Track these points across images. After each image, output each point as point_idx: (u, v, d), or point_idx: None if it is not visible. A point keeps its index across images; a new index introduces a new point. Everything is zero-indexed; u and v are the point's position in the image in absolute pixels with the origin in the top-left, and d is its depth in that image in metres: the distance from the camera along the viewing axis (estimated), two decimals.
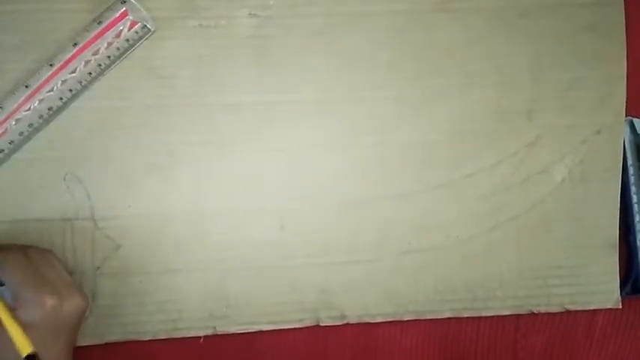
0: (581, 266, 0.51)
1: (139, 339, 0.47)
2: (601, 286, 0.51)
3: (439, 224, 0.50)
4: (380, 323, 0.50)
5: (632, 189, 0.52)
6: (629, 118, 0.51)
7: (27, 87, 0.44)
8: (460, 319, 0.51)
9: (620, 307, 0.52)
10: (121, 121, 0.46)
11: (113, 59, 0.45)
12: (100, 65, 0.45)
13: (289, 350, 0.50)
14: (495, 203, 0.50)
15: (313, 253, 0.49)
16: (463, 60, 0.49)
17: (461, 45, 0.49)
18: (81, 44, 0.45)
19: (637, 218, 0.52)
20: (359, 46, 0.48)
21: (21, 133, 0.45)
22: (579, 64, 0.50)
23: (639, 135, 0.52)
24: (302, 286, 0.49)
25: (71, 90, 0.45)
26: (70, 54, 0.44)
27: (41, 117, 0.45)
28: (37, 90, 0.44)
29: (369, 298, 0.49)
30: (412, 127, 0.49)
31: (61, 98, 0.45)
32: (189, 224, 0.47)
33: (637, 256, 0.52)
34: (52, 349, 0.38)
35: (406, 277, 0.50)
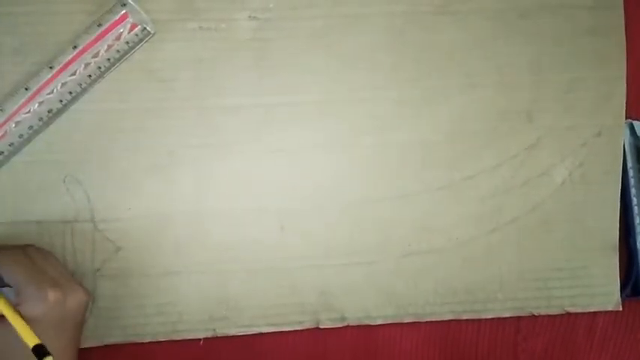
0: (582, 268, 0.51)
1: (138, 341, 0.47)
2: (601, 288, 0.51)
3: (439, 226, 0.50)
4: (380, 325, 0.50)
5: (632, 191, 0.52)
6: (629, 121, 0.51)
7: (27, 89, 0.44)
8: (460, 322, 0.51)
9: (620, 310, 0.52)
10: (120, 124, 0.46)
11: (113, 62, 0.45)
12: (99, 68, 0.45)
13: (289, 352, 0.50)
14: (496, 205, 0.50)
15: (313, 255, 0.49)
16: (463, 61, 0.49)
17: (461, 46, 0.49)
18: (81, 47, 0.45)
19: (637, 220, 0.52)
20: (359, 48, 0.48)
21: (21, 136, 0.45)
22: (579, 65, 0.50)
23: (639, 137, 0.51)
24: (302, 287, 0.49)
25: (71, 92, 0.45)
26: (70, 56, 0.44)
27: (41, 119, 0.45)
28: (37, 92, 0.44)
29: (369, 300, 0.49)
30: (412, 128, 0.49)
31: (61, 101, 0.45)
32: (189, 226, 0.47)
33: (637, 258, 0.52)
34: (58, 343, 0.38)
35: (406, 279, 0.50)
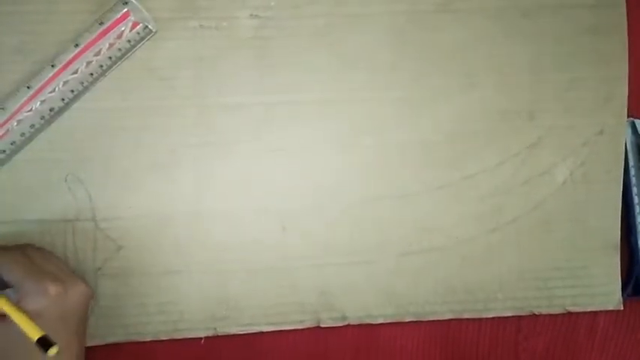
0: (583, 268, 0.51)
1: (140, 340, 0.47)
2: (602, 288, 0.51)
3: (440, 225, 0.50)
4: (380, 324, 0.50)
5: (634, 190, 0.51)
6: (631, 119, 0.51)
7: (29, 88, 0.44)
8: (461, 321, 0.51)
9: (621, 309, 0.52)
10: (122, 122, 0.46)
11: (115, 60, 0.45)
12: (101, 66, 0.45)
13: (290, 351, 0.50)
14: (496, 204, 0.50)
15: (314, 255, 0.49)
16: (464, 60, 0.49)
17: (462, 45, 0.49)
18: (82, 45, 0.45)
19: (638, 219, 0.52)
20: (360, 47, 0.48)
21: (23, 134, 0.45)
22: (581, 64, 0.50)
23: None
24: (303, 287, 0.49)
25: (73, 91, 0.45)
26: (71, 55, 0.45)
27: (43, 118, 0.45)
28: (39, 91, 0.44)
29: (369, 300, 0.49)
30: (413, 128, 0.49)
31: (63, 99, 0.45)
32: (190, 225, 0.47)
33: (638, 257, 0.52)
34: (61, 337, 0.37)
35: (407, 278, 0.49)
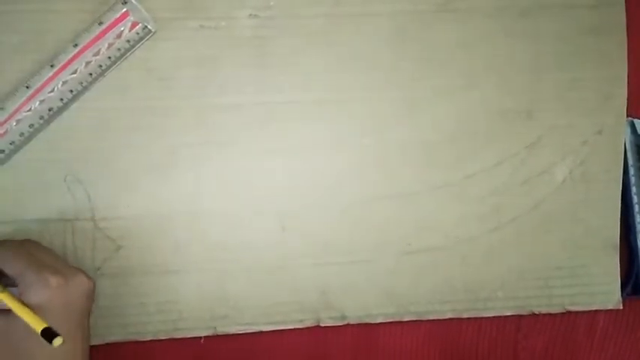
0: (582, 267, 0.51)
1: (139, 339, 0.47)
2: (602, 287, 0.51)
3: (440, 225, 0.50)
4: (380, 324, 0.50)
5: (633, 189, 0.52)
6: (630, 119, 0.51)
7: (28, 88, 0.44)
8: (461, 320, 0.51)
9: (621, 308, 0.52)
10: (121, 122, 0.46)
11: (114, 60, 0.45)
12: (100, 66, 0.45)
13: (290, 351, 0.50)
14: (496, 204, 0.50)
15: (314, 254, 0.49)
16: (464, 60, 0.49)
17: (461, 45, 0.49)
18: (82, 45, 0.45)
19: (638, 219, 0.52)
20: (360, 47, 0.48)
21: (22, 134, 0.45)
22: (580, 64, 0.50)
23: None
24: (302, 286, 0.49)
25: (72, 91, 0.45)
26: (70, 55, 0.44)
27: (42, 118, 0.45)
28: (38, 91, 0.44)
29: (369, 299, 0.49)
30: (413, 128, 0.49)
31: (62, 99, 0.45)
32: (189, 225, 0.47)
33: (638, 256, 0.52)
34: (65, 329, 0.37)
35: (407, 277, 0.50)
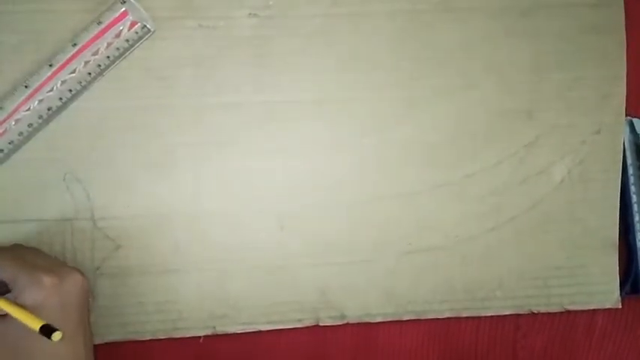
0: (581, 266, 0.51)
1: (138, 339, 0.47)
2: (601, 286, 0.51)
3: (439, 224, 0.50)
4: (380, 323, 0.50)
5: (632, 189, 0.52)
6: (629, 118, 0.51)
7: (26, 87, 0.44)
8: (460, 319, 0.51)
9: (619, 307, 0.52)
10: (120, 122, 0.46)
11: (113, 59, 0.45)
12: (99, 65, 0.45)
13: (289, 350, 0.50)
14: (495, 203, 0.50)
15: (313, 254, 0.49)
16: (464, 59, 0.49)
17: (461, 45, 0.49)
18: (80, 44, 0.45)
19: (636, 218, 0.52)
20: (359, 46, 0.48)
21: (20, 134, 0.45)
22: (579, 63, 0.50)
23: (639, 135, 0.52)
24: (302, 286, 0.49)
25: (71, 90, 0.45)
26: (69, 54, 0.44)
27: (41, 117, 0.45)
28: (37, 90, 0.44)
29: (368, 299, 0.49)
30: (412, 127, 0.49)
31: (61, 98, 0.45)
32: (188, 224, 0.47)
33: (636, 255, 0.52)
34: (65, 328, 0.37)
35: (406, 277, 0.50)
